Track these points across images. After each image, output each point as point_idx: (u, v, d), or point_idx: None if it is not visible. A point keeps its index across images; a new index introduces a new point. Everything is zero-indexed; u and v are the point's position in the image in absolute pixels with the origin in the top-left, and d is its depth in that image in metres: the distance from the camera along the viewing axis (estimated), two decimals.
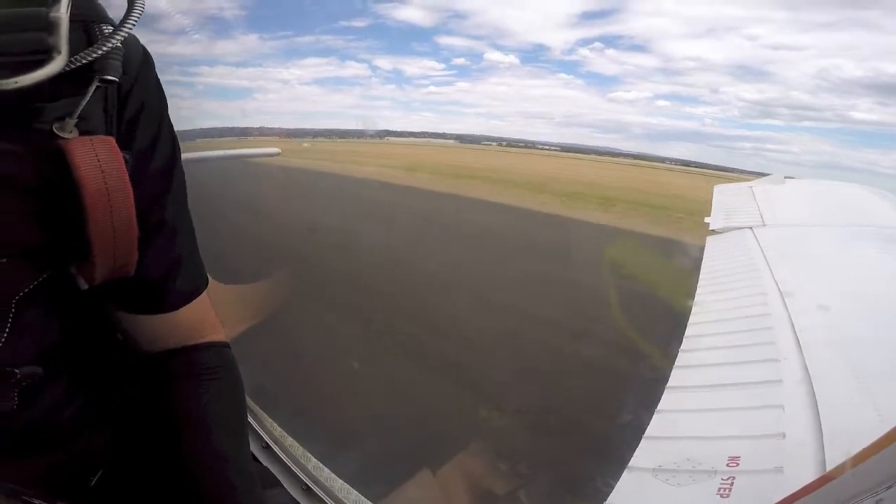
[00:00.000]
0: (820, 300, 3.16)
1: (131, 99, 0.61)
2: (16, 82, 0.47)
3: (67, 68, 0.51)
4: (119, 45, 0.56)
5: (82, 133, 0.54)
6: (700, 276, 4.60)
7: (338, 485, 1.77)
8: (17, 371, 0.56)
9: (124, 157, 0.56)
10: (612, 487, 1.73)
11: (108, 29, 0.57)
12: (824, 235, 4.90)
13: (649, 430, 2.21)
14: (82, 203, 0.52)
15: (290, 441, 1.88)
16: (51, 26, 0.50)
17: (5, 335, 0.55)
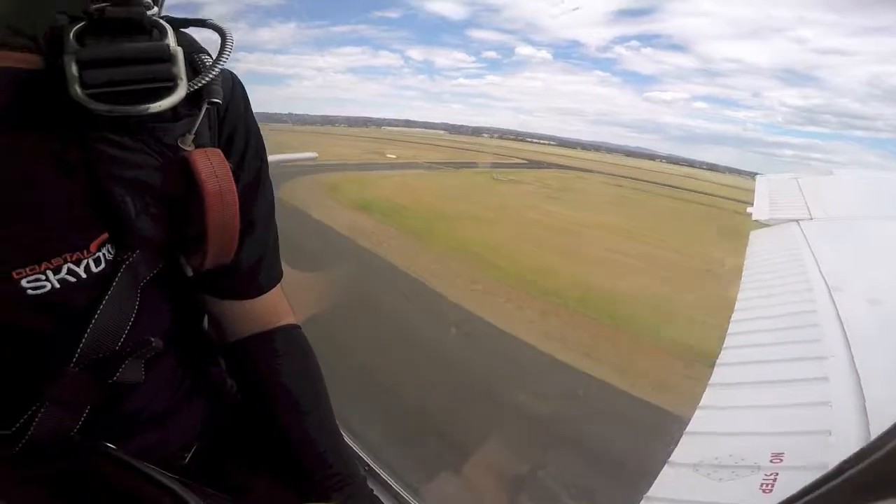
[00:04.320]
0: (870, 295, 3.05)
1: (227, 117, 0.70)
2: (148, 108, 0.57)
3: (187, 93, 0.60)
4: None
5: (197, 147, 0.64)
6: (744, 271, 4.48)
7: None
8: (151, 340, 0.66)
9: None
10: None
11: (207, 59, 0.66)
12: (875, 228, 4.67)
13: (691, 426, 2.21)
14: (204, 203, 0.61)
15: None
16: (171, 58, 0.58)
17: (133, 316, 0.65)
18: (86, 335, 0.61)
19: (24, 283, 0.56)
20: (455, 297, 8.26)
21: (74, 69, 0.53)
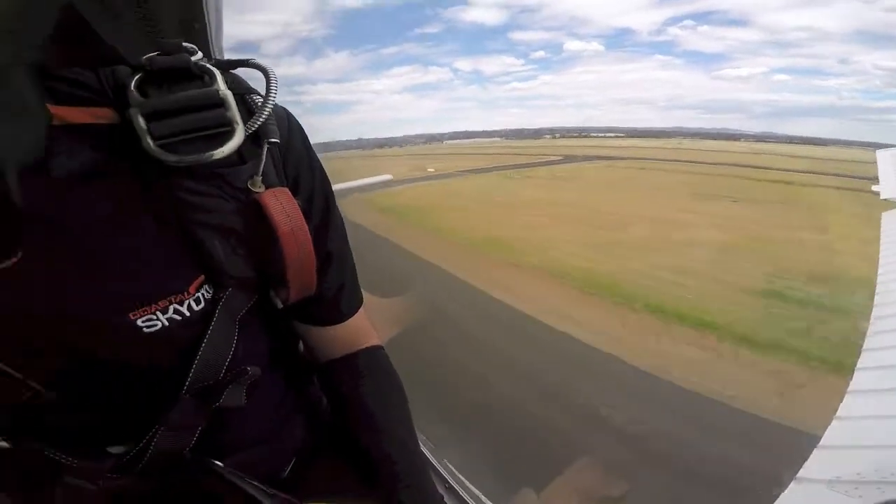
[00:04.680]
0: None
1: (289, 156, 0.70)
2: (212, 156, 0.58)
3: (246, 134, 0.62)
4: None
5: (266, 187, 0.65)
6: (881, 259, 3.84)
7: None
8: (248, 369, 0.70)
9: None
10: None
11: (258, 98, 0.66)
12: None
13: (825, 440, 1.94)
14: (279, 242, 0.64)
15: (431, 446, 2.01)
16: (223, 102, 0.59)
17: (233, 346, 0.71)
18: (194, 366, 0.68)
19: (139, 322, 0.63)
20: (400, 241, 15.96)
21: (142, 122, 0.56)
